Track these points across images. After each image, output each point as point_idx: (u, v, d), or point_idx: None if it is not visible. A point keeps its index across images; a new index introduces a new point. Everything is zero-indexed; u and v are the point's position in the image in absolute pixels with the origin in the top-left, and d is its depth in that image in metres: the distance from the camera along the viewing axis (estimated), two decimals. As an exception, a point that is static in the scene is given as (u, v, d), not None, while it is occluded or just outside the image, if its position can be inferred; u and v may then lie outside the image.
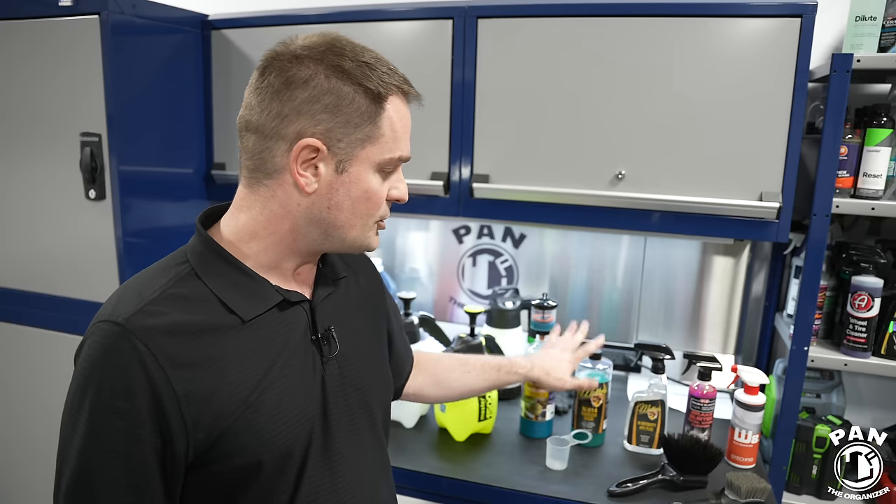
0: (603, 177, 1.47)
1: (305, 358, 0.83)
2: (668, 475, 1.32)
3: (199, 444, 0.73)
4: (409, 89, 0.82)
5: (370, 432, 0.93)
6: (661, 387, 1.46)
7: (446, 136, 1.57)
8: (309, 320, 0.85)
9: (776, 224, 1.40)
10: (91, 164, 1.51)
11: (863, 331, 1.41)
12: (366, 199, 0.81)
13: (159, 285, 0.76)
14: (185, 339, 0.73)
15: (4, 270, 1.71)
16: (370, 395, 0.93)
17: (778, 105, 1.35)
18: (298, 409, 0.81)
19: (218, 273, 0.80)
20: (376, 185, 0.81)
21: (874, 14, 1.36)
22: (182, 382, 0.71)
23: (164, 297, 0.75)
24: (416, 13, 1.55)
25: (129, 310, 0.72)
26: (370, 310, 1.01)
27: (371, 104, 0.78)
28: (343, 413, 0.88)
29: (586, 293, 1.96)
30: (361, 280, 1.01)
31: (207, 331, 0.75)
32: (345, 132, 0.77)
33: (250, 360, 0.78)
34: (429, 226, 2.07)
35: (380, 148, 0.80)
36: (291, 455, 0.80)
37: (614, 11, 1.42)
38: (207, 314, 0.76)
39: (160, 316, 0.72)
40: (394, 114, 0.80)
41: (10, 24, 1.54)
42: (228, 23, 1.73)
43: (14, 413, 1.80)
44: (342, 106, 0.76)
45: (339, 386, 0.87)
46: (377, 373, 0.98)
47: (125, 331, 0.70)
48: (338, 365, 0.87)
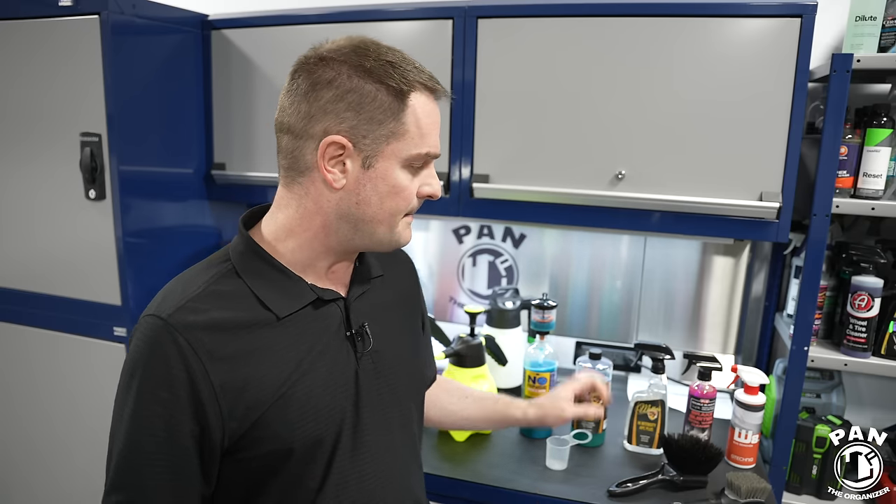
0: (603, 177, 1.47)
1: (339, 353, 0.87)
2: (668, 475, 1.32)
3: (234, 432, 0.79)
4: (434, 86, 0.83)
5: (402, 427, 0.95)
6: (661, 387, 1.46)
7: (446, 137, 1.56)
8: (343, 317, 0.89)
9: (776, 224, 1.40)
10: (91, 164, 1.51)
11: (863, 331, 1.41)
12: (393, 195, 0.83)
13: (201, 282, 0.82)
14: (223, 334, 0.79)
15: (4, 270, 1.71)
16: (403, 391, 0.95)
17: (778, 105, 1.35)
18: (330, 401, 0.84)
19: (256, 271, 0.84)
20: (404, 180, 0.83)
21: (874, 14, 1.36)
22: (219, 374, 0.77)
23: (205, 294, 0.81)
24: (416, 13, 1.55)
25: (173, 306, 0.78)
26: (406, 308, 1.03)
27: (394, 101, 0.80)
28: (375, 406, 0.90)
29: (586, 293, 1.96)
30: (398, 279, 1.03)
31: (244, 327, 0.80)
32: (369, 129, 0.80)
33: (283, 355, 0.82)
34: (429, 226, 2.07)
35: (405, 143, 0.81)
36: (322, 443, 0.84)
37: (614, 11, 1.42)
38: (245, 311, 0.81)
39: (200, 312, 0.78)
40: (419, 110, 0.81)
41: (10, 24, 1.54)
42: (228, 23, 1.73)
43: (14, 413, 1.80)
44: (365, 103, 0.79)
45: (373, 380, 0.90)
46: (411, 369, 1.00)
47: (168, 326, 0.76)
48: (371, 360, 0.90)
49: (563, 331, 1.95)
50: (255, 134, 1.75)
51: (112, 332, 1.60)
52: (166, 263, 1.67)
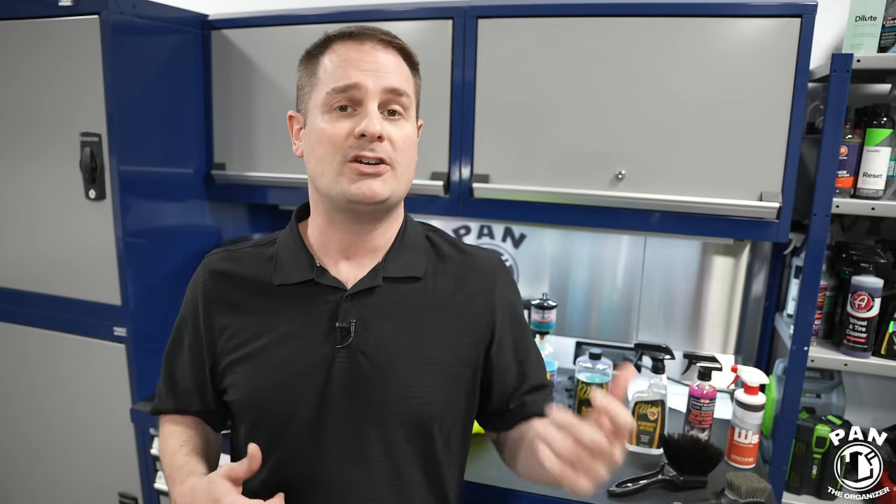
0: (603, 177, 1.47)
1: (324, 339, 0.90)
2: (668, 475, 1.32)
3: (214, 364, 0.96)
4: (351, 31, 0.88)
5: (384, 452, 0.89)
6: (661, 387, 1.46)
7: (446, 136, 1.57)
8: (335, 307, 0.90)
9: (776, 224, 1.40)
10: (91, 164, 1.51)
11: (863, 331, 1.41)
12: (319, 141, 0.86)
13: (251, 243, 1.00)
14: (231, 283, 0.95)
15: (4, 270, 1.71)
16: (388, 408, 0.89)
17: (778, 105, 1.35)
18: (290, 379, 0.89)
19: (286, 244, 0.96)
20: (324, 124, 0.86)
21: (874, 14, 1.36)
22: (214, 314, 0.94)
23: (245, 250, 0.98)
24: (416, 13, 1.55)
25: (219, 251, 1.00)
26: (447, 322, 0.93)
27: (311, 63, 0.90)
28: (342, 410, 0.89)
29: (586, 293, 1.96)
30: (458, 289, 0.95)
31: (249, 283, 0.94)
32: (302, 95, 0.92)
33: (267, 318, 0.91)
34: (429, 226, 2.07)
35: (319, 90, 0.87)
36: (274, 415, 0.90)
37: (614, 11, 1.42)
38: (257, 271, 0.94)
39: (228, 262, 0.97)
40: (331, 57, 0.87)
41: (10, 24, 1.53)
42: (228, 23, 1.73)
43: (13, 413, 1.80)
44: (300, 78, 0.92)
45: (347, 381, 0.89)
46: (414, 388, 0.90)
47: (203, 264, 0.99)
48: (351, 360, 0.89)
49: (563, 331, 1.95)
50: (255, 134, 1.75)
51: (112, 332, 1.60)
52: (166, 263, 1.67)
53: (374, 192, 0.85)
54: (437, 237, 1.02)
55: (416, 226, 1.01)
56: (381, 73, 0.85)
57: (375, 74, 0.85)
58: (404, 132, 0.88)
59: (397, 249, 0.94)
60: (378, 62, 0.85)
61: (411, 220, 1.01)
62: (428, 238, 1.01)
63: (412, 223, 1.01)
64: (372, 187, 0.84)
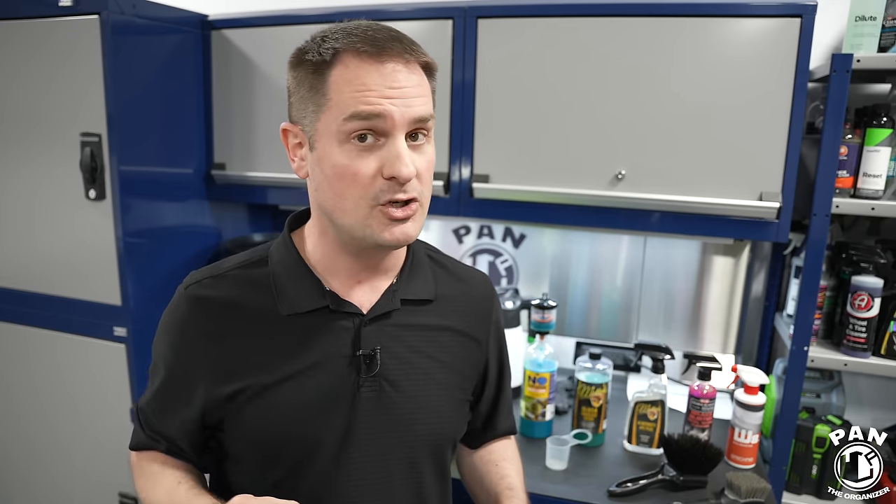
0: (603, 177, 1.47)
1: (346, 370, 0.83)
2: (668, 475, 1.32)
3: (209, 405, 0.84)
4: (366, 48, 0.73)
5: (406, 474, 0.87)
6: (661, 387, 1.46)
7: (446, 136, 1.57)
8: (354, 335, 0.84)
9: (776, 224, 1.40)
10: (91, 164, 1.51)
11: (863, 331, 1.41)
12: (339, 177, 0.75)
13: (234, 263, 0.87)
14: (225, 314, 0.83)
15: (4, 270, 1.71)
16: (415, 432, 0.86)
17: (778, 105, 1.35)
18: (316, 415, 0.82)
19: (283, 264, 0.86)
20: (344, 159, 0.75)
21: (874, 14, 1.36)
22: (212, 348, 0.83)
23: (230, 274, 0.86)
24: (416, 13, 1.55)
25: (198, 278, 0.86)
26: (455, 345, 0.92)
27: (314, 74, 0.76)
28: (369, 439, 0.84)
29: (586, 293, 1.96)
30: (460, 311, 0.94)
31: (245, 312, 0.83)
32: (302, 109, 0.79)
33: (278, 352, 0.82)
34: (429, 226, 2.07)
35: (332, 114, 0.75)
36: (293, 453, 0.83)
37: (614, 11, 1.42)
38: (254, 299, 0.84)
39: (214, 289, 0.84)
40: (343, 75, 0.74)
41: (10, 24, 1.53)
42: (228, 23, 1.73)
43: (13, 413, 1.80)
44: (296, 87, 0.79)
45: (374, 410, 0.84)
46: (435, 411, 0.89)
47: (185, 295, 0.85)
48: (377, 388, 0.84)
49: (563, 331, 1.95)
50: (255, 134, 1.75)
51: (112, 332, 1.60)
52: (166, 263, 1.67)
53: (407, 236, 0.78)
54: (437, 257, 0.98)
55: (418, 244, 0.96)
56: (409, 101, 0.75)
57: (403, 102, 0.74)
58: (428, 158, 0.80)
59: (410, 270, 0.90)
60: (404, 87, 0.74)
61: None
62: (430, 258, 0.96)
63: (416, 241, 0.94)
64: (406, 232, 0.78)
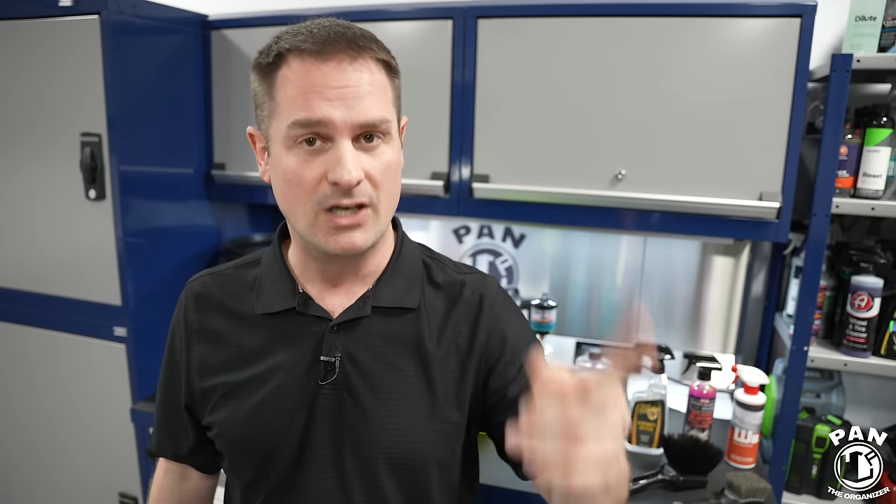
0: (603, 177, 1.47)
1: (307, 375, 0.82)
2: (668, 475, 1.32)
3: (192, 396, 0.88)
4: (305, 46, 0.71)
5: (365, 494, 0.81)
6: (661, 387, 1.46)
7: (446, 136, 1.57)
8: (318, 339, 0.82)
9: (776, 224, 1.40)
10: (91, 164, 1.51)
11: (863, 331, 1.41)
12: (288, 183, 0.74)
13: (233, 263, 0.92)
14: (212, 310, 0.87)
15: (4, 270, 1.71)
16: (372, 451, 0.80)
17: (778, 105, 1.35)
18: (275, 417, 0.82)
19: (268, 265, 0.88)
20: (291, 163, 0.73)
21: (874, 14, 1.36)
22: (193, 345, 0.87)
23: (226, 273, 0.90)
24: (416, 13, 1.55)
25: (197, 276, 0.92)
26: (438, 362, 0.83)
27: (265, 79, 0.75)
28: (325, 450, 0.81)
29: (586, 293, 1.96)
30: (451, 322, 0.85)
31: (229, 310, 0.87)
32: (260, 113, 0.78)
33: (248, 350, 0.84)
34: (429, 226, 2.07)
35: (280, 120, 0.73)
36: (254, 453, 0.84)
37: (614, 11, 1.42)
38: (237, 298, 0.87)
39: (208, 286, 0.89)
40: (287, 77, 0.72)
41: (10, 24, 1.53)
42: (228, 23, 1.73)
43: (13, 413, 1.80)
44: (254, 90, 0.78)
45: (330, 419, 0.81)
46: (402, 430, 0.81)
47: (185, 288, 0.91)
48: (337, 397, 0.81)
49: (563, 331, 1.95)
50: (255, 134, 1.75)
51: (112, 332, 1.60)
52: (166, 263, 1.67)
53: (353, 245, 0.75)
54: (434, 263, 0.90)
55: (412, 248, 0.90)
56: (352, 102, 0.71)
57: (345, 104, 0.70)
58: (384, 161, 0.75)
59: (390, 275, 0.84)
60: (347, 85, 0.70)
61: (408, 241, 0.90)
62: (424, 263, 0.89)
63: (409, 245, 0.90)
64: (352, 240, 0.74)
